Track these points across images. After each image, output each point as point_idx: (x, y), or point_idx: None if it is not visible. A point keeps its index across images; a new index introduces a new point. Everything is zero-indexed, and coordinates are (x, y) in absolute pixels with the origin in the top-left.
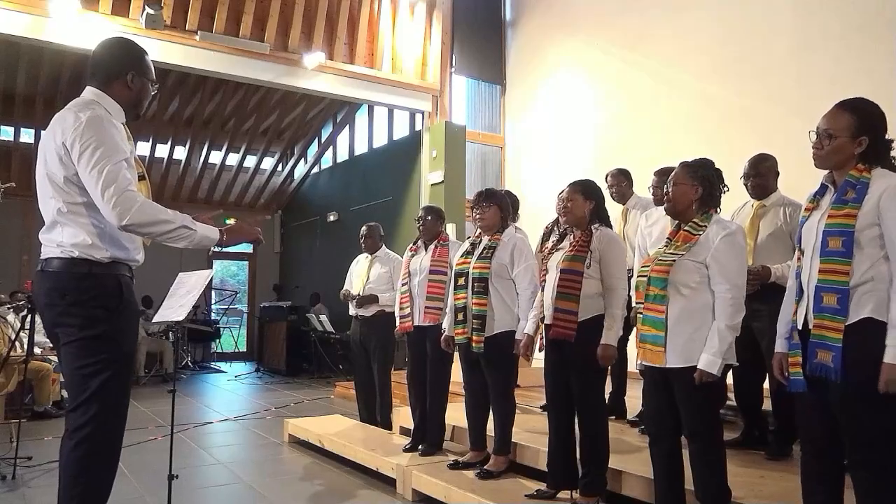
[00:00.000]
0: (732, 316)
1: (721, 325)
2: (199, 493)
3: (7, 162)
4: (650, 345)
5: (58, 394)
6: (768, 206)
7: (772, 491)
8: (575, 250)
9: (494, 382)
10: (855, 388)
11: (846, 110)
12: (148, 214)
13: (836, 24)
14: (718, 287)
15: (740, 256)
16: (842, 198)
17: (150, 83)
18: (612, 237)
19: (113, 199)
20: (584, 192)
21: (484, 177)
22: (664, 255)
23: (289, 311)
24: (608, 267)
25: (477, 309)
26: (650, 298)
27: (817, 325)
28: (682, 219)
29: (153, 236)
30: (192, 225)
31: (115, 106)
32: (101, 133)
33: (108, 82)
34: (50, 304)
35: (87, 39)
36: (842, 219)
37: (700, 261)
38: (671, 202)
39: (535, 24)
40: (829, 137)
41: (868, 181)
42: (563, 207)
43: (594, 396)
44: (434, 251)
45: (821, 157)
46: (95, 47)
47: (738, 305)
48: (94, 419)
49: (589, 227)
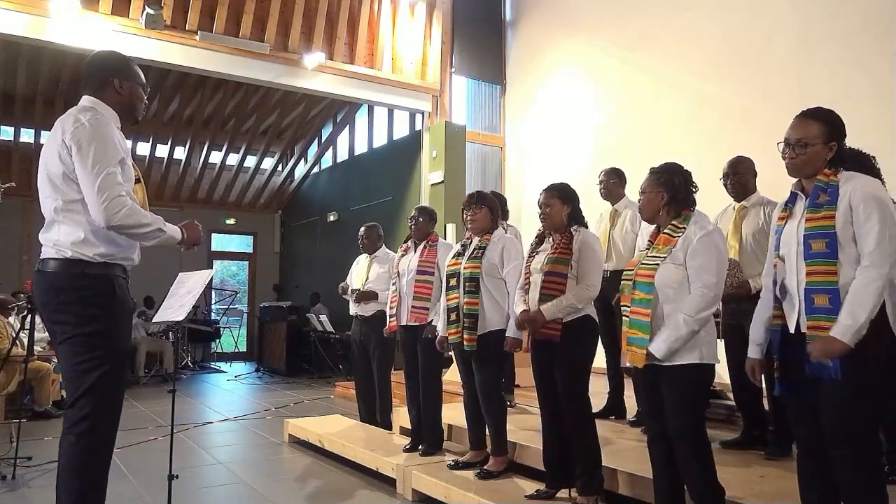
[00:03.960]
0: (699, 308)
1: (683, 314)
2: (199, 493)
3: (7, 162)
4: (636, 347)
5: (58, 393)
6: (749, 206)
7: (771, 490)
8: (558, 252)
9: (481, 382)
10: (845, 385)
11: (814, 119)
12: (133, 218)
13: (836, 24)
14: (694, 285)
15: (717, 256)
16: (815, 202)
17: (139, 87)
18: (591, 238)
19: (105, 201)
20: (560, 196)
21: (484, 177)
22: (647, 259)
23: (289, 311)
24: (582, 264)
25: (468, 308)
26: (636, 302)
27: (812, 327)
28: (657, 223)
29: (132, 237)
30: (164, 227)
31: (111, 111)
32: (100, 134)
33: (99, 89)
34: (46, 302)
35: (87, 39)
36: (821, 221)
37: (681, 262)
38: (641, 210)
39: (535, 24)
40: (805, 146)
41: (837, 184)
42: (541, 213)
43: (579, 396)
44: (423, 251)
45: (797, 166)
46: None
47: (708, 300)
48: (91, 414)
49: (568, 230)
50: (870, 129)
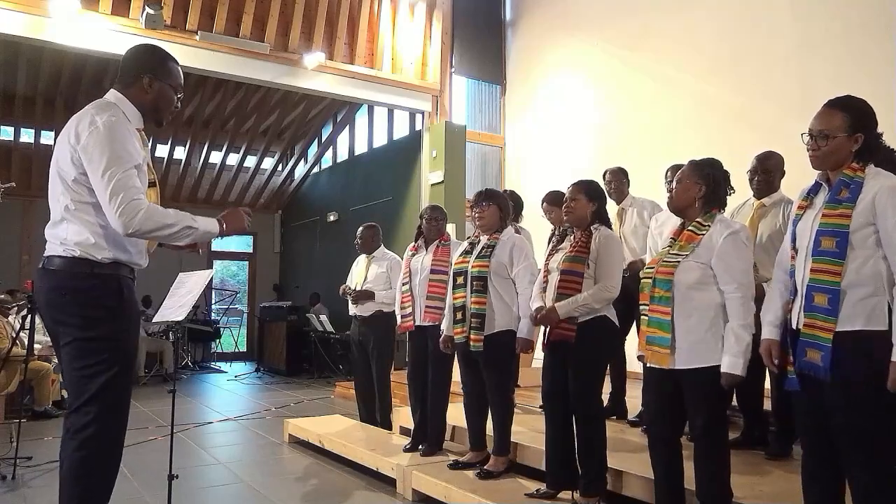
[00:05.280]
0: (745, 315)
1: (735, 325)
2: (199, 493)
3: (7, 162)
4: (657, 347)
5: (58, 394)
6: (768, 205)
7: (772, 491)
8: (575, 251)
9: (493, 383)
10: (846, 390)
11: (839, 109)
12: (153, 221)
13: (836, 24)
14: (727, 287)
15: (745, 255)
16: (836, 197)
17: (170, 88)
18: (611, 237)
19: (120, 207)
20: (588, 192)
21: (484, 177)
22: (668, 256)
23: (289, 311)
24: (602, 265)
25: (476, 308)
26: (655, 300)
27: (808, 325)
28: (684, 216)
29: (159, 240)
30: (193, 223)
31: (133, 110)
32: (114, 139)
33: (127, 85)
34: (50, 303)
35: (87, 39)
36: (836, 219)
37: (704, 261)
38: (672, 198)
39: (535, 24)
40: (826, 138)
41: (862, 180)
42: (566, 207)
43: (591, 398)
44: (436, 251)
45: (819, 157)
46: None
47: (748, 304)
48: (96, 420)
49: (589, 228)
50: None
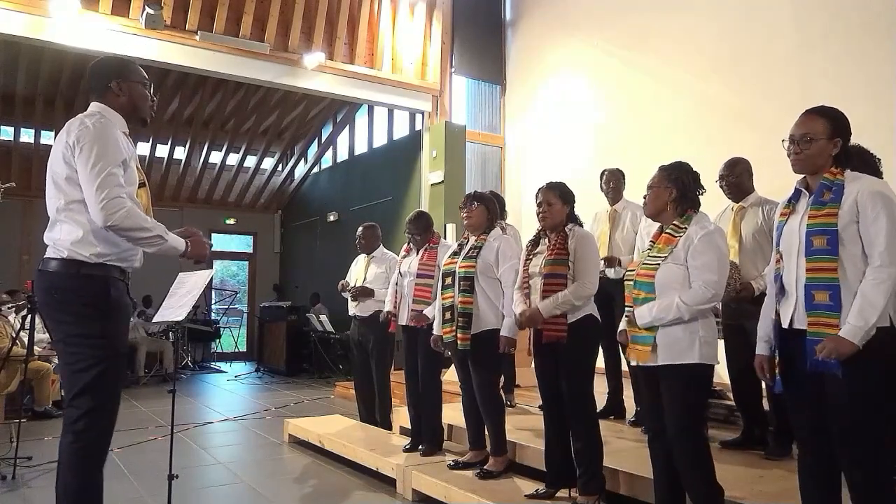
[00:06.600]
0: (696, 300)
1: (679, 299)
2: (199, 493)
3: (7, 162)
4: (640, 345)
5: (58, 393)
6: (747, 206)
7: (771, 490)
8: (555, 253)
9: (479, 382)
10: (850, 387)
11: (819, 115)
12: (131, 220)
13: (836, 24)
14: (695, 283)
15: (718, 254)
16: (819, 199)
17: (139, 85)
18: (587, 236)
19: (104, 201)
20: (562, 195)
21: (484, 177)
22: (648, 259)
23: (289, 311)
24: (579, 262)
25: (462, 307)
26: (638, 301)
27: (812, 323)
28: (661, 220)
29: (131, 240)
30: (165, 235)
31: (116, 115)
32: (103, 136)
33: (101, 95)
34: (45, 302)
35: (87, 39)
36: (823, 218)
37: (682, 262)
38: (647, 205)
39: (535, 24)
40: (809, 141)
41: (843, 182)
42: (541, 212)
43: (584, 397)
44: (423, 254)
45: (801, 161)
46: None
47: (707, 295)
48: (87, 414)
49: (563, 230)
50: (869, 129)
